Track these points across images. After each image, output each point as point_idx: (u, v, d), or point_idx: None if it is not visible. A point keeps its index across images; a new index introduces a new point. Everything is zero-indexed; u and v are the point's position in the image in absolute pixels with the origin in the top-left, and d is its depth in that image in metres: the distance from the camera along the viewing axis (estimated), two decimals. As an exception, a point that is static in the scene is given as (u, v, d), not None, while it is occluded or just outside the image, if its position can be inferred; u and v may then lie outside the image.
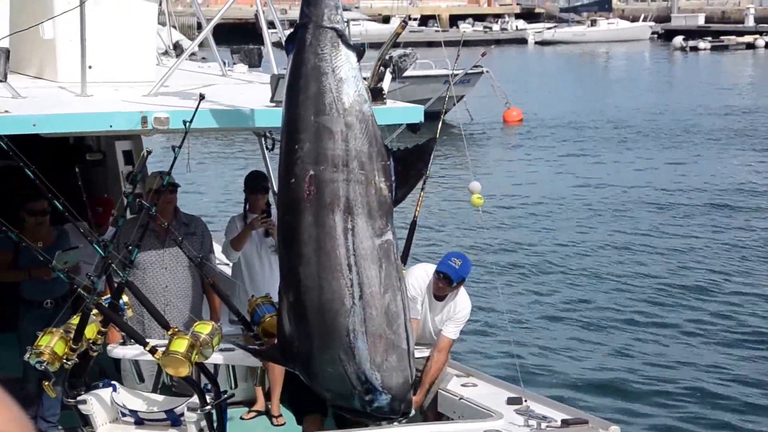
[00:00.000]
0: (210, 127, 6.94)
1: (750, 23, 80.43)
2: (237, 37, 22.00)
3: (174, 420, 6.42)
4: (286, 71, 5.77)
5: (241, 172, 10.83)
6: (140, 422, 6.52)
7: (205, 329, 5.98)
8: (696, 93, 43.51)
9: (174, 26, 12.23)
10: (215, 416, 6.27)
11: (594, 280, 15.77)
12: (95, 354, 6.27)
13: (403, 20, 6.50)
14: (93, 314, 6.03)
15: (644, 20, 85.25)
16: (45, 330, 6.00)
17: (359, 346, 5.48)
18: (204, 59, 11.04)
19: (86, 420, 6.39)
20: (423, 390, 6.98)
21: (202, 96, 6.18)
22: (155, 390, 7.09)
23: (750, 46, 73.55)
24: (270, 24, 8.50)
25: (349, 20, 42.59)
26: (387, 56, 6.67)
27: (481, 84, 32.81)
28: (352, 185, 5.50)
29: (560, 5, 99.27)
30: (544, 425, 6.25)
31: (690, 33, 76.56)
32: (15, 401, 1.62)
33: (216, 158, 27.04)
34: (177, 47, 10.70)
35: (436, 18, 71.25)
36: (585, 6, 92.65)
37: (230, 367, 7.40)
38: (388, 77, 6.73)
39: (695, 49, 72.28)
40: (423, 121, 7.07)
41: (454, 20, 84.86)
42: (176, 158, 6.31)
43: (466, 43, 9.91)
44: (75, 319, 6.03)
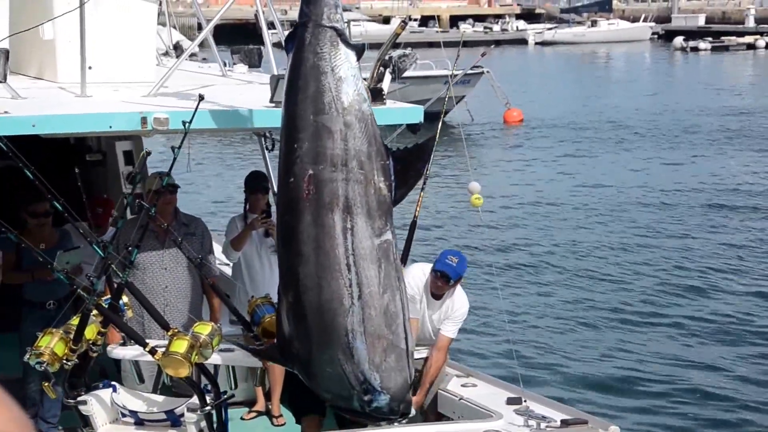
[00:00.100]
0: (209, 128, 6.93)
1: (750, 24, 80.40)
2: (237, 38, 22.02)
3: (174, 421, 6.42)
4: (286, 70, 5.77)
5: (241, 172, 10.83)
6: (140, 423, 6.51)
7: (205, 330, 5.98)
8: (696, 93, 43.51)
9: (174, 27, 12.23)
10: (215, 417, 6.27)
11: (593, 281, 15.77)
12: (95, 355, 6.26)
13: (403, 20, 6.48)
14: (93, 315, 6.03)
15: (644, 21, 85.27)
16: (45, 331, 6.00)
17: (358, 346, 5.47)
18: (205, 60, 11.05)
19: (86, 421, 6.39)
20: (423, 390, 6.97)
21: (202, 96, 6.17)
22: (155, 390, 7.09)
23: (750, 47, 73.52)
24: (270, 24, 8.49)
25: (350, 21, 42.61)
26: (386, 56, 6.66)
27: (482, 84, 32.82)
28: (351, 185, 5.49)
29: (560, 6, 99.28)
30: (544, 425, 6.25)
31: (690, 33, 76.56)
32: (15, 401, 1.62)
33: (216, 158, 27.04)
34: (177, 48, 10.71)
35: (436, 19, 71.17)
36: (585, 7, 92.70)
37: (230, 368, 7.40)
38: (388, 78, 6.72)
39: (695, 50, 72.28)
40: (423, 122, 7.07)
41: (455, 21, 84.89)
42: (176, 159, 6.31)
43: (467, 44, 9.92)
44: (75, 320, 6.03)
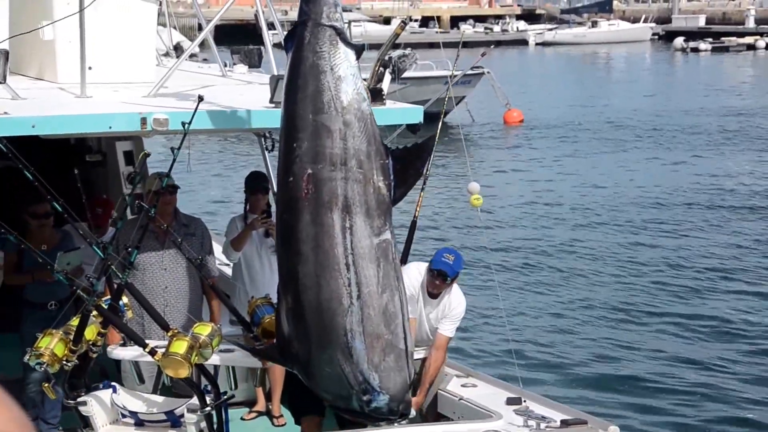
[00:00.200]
0: (209, 128, 6.93)
1: (750, 24, 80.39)
2: (237, 38, 22.04)
3: (174, 421, 6.42)
4: (285, 70, 5.77)
5: (241, 173, 10.84)
6: (140, 423, 6.51)
7: (205, 330, 5.98)
8: (696, 94, 43.50)
9: (174, 27, 12.24)
10: (215, 417, 6.26)
11: (593, 281, 15.77)
12: (95, 355, 6.26)
13: (403, 21, 6.49)
14: (92, 316, 6.03)
15: (645, 21, 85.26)
16: (45, 331, 6.00)
17: (357, 346, 5.47)
18: (205, 60, 11.06)
19: (86, 421, 6.39)
20: (423, 390, 6.95)
21: (201, 97, 6.17)
22: (155, 391, 7.09)
23: (751, 48, 73.49)
24: (270, 25, 8.49)
25: (350, 21, 42.64)
26: (386, 57, 6.66)
27: (482, 85, 32.81)
28: (351, 184, 5.49)
29: (561, 6, 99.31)
30: (544, 425, 6.24)
31: (691, 34, 76.56)
32: (15, 402, 1.62)
33: (216, 158, 27.04)
34: (177, 48, 10.72)
35: (436, 19, 71.19)
36: (586, 7, 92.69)
37: (230, 368, 7.39)
38: (388, 78, 6.72)
39: (696, 51, 72.28)
40: (422, 122, 7.07)
41: (455, 21, 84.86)
42: (175, 159, 6.31)
43: (467, 44, 9.95)
44: (75, 321, 6.03)
